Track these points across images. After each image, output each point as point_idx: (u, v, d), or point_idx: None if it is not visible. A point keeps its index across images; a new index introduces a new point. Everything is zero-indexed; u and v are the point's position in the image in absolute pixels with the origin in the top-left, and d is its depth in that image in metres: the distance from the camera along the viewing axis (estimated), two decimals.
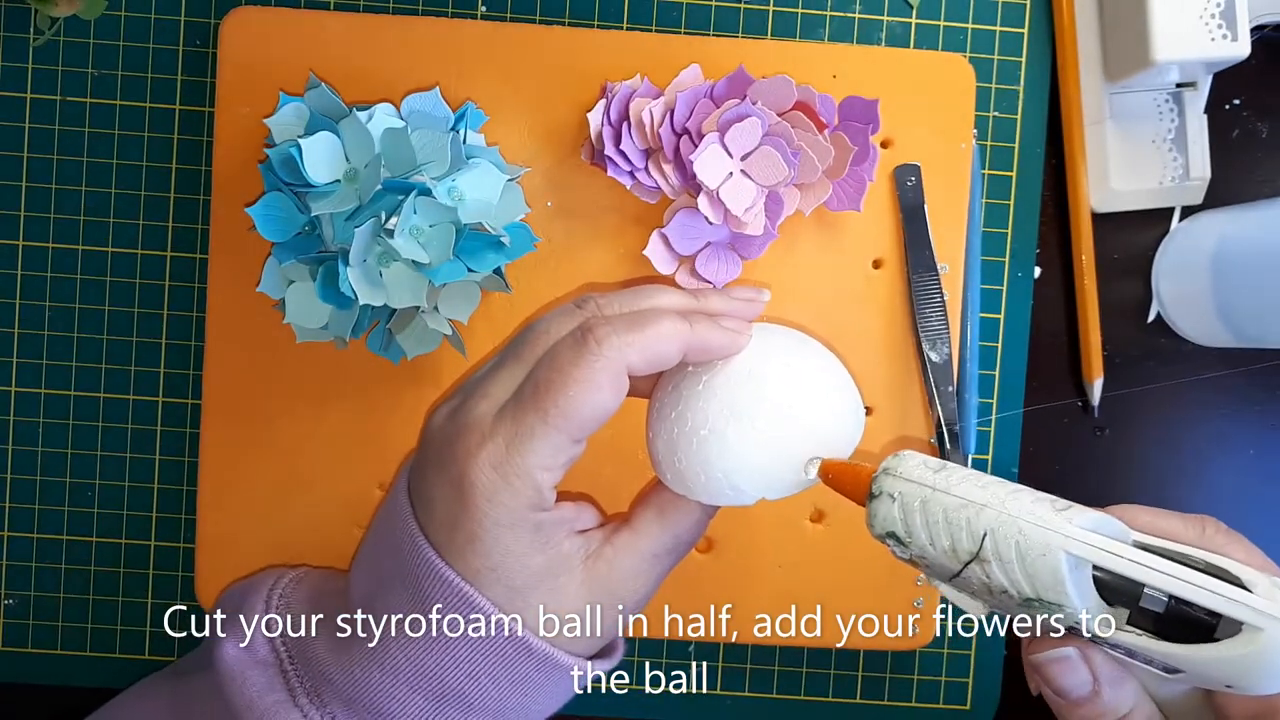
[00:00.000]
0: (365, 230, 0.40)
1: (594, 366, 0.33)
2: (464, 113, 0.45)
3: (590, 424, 0.34)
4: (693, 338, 0.35)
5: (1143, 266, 0.52)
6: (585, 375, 0.33)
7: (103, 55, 0.49)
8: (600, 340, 0.34)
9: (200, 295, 0.49)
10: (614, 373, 0.33)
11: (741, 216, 0.44)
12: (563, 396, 0.33)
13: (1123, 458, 0.53)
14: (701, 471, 0.36)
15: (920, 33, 0.51)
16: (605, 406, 0.34)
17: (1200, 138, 0.51)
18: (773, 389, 0.36)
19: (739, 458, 0.35)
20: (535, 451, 0.33)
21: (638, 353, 0.34)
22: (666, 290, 0.38)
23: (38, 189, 0.49)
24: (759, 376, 0.36)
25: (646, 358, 0.34)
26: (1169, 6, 0.45)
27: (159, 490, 0.50)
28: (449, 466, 0.34)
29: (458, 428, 0.35)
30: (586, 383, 0.33)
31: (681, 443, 0.36)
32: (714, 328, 0.36)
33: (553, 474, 0.34)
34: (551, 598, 0.34)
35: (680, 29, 0.50)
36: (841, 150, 0.45)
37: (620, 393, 0.34)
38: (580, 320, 0.36)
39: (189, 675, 0.40)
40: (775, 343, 0.38)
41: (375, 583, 0.36)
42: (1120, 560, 0.29)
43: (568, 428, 0.33)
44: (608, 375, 0.33)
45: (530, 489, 0.33)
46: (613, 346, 0.33)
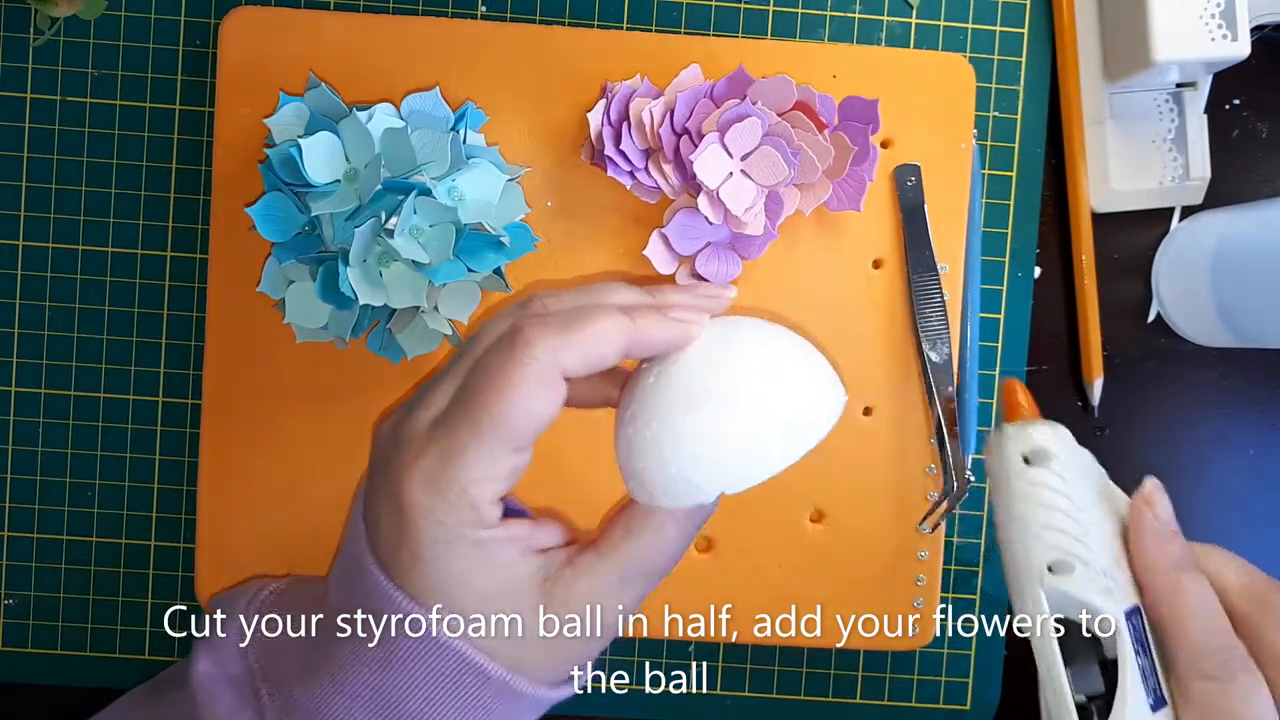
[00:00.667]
0: (365, 230, 0.40)
1: (523, 371, 0.31)
2: (464, 113, 0.45)
3: (526, 432, 0.32)
4: (634, 333, 0.33)
5: (1143, 266, 0.52)
6: (514, 381, 0.31)
7: (103, 55, 0.49)
8: (529, 342, 0.31)
9: (200, 295, 0.49)
10: (545, 376, 0.31)
11: (741, 216, 0.44)
12: (493, 404, 0.31)
13: (1123, 458, 0.53)
14: (657, 469, 0.33)
15: (920, 33, 0.51)
16: (540, 412, 0.31)
17: (1200, 138, 0.51)
18: (725, 375, 0.33)
19: (692, 450, 0.32)
20: (468, 465, 0.31)
21: (572, 353, 0.31)
22: (619, 286, 0.36)
23: (38, 189, 0.49)
24: (712, 363, 0.33)
25: (582, 358, 0.32)
26: (1169, 6, 0.45)
27: (159, 490, 0.50)
28: (389, 483, 0.33)
29: (396, 441, 0.33)
30: (516, 388, 0.31)
31: (637, 442, 0.33)
32: (659, 320, 0.33)
33: (491, 487, 0.32)
34: (503, 623, 0.32)
35: (680, 29, 0.50)
36: (841, 150, 0.45)
37: (556, 397, 0.32)
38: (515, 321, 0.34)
39: (165, 692, 0.40)
40: (733, 329, 0.35)
41: (343, 598, 0.35)
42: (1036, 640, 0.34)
43: (501, 438, 0.31)
44: (538, 379, 0.31)
45: (465, 505, 0.31)
46: (543, 348, 0.31)
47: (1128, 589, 0.34)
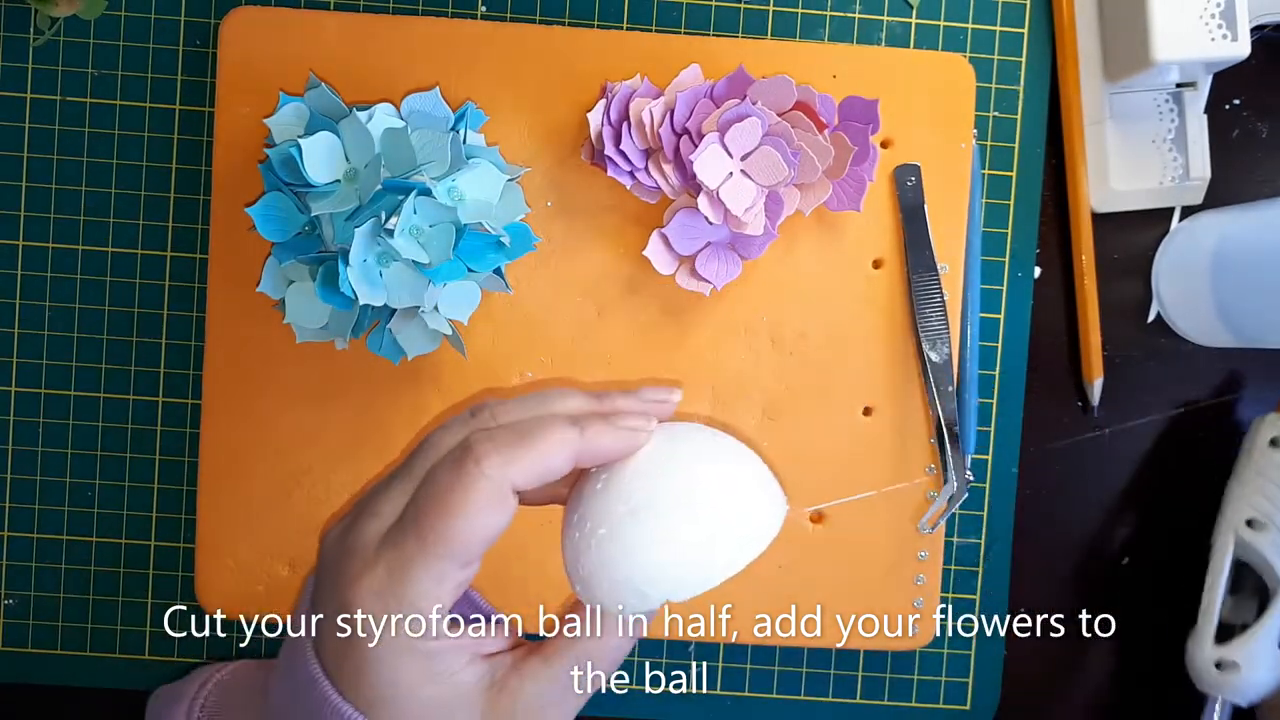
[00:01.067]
0: (365, 230, 0.40)
1: (473, 489, 0.31)
2: (464, 113, 0.45)
3: (475, 547, 0.32)
4: (583, 446, 0.33)
5: (1143, 266, 0.52)
6: (464, 500, 0.31)
7: (103, 55, 0.49)
8: (479, 459, 0.31)
9: (200, 295, 0.49)
10: (496, 494, 0.31)
11: (741, 216, 0.44)
12: (441, 523, 0.31)
13: (1123, 458, 0.53)
14: (603, 576, 0.33)
15: (920, 33, 0.51)
16: (489, 529, 0.32)
17: (1200, 138, 0.51)
18: (673, 483, 0.33)
19: (638, 558, 0.33)
20: (417, 581, 0.31)
21: (521, 470, 0.32)
22: (568, 393, 0.36)
23: (38, 189, 0.49)
24: (659, 472, 0.34)
25: (531, 474, 0.32)
26: (1169, 6, 0.45)
27: (159, 490, 0.50)
28: (337, 593, 0.33)
29: (344, 551, 0.33)
30: (465, 508, 0.31)
31: (582, 546, 0.34)
32: (607, 430, 0.33)
33: (439, 602, 0.32)
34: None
35: (680, 29, 0.50)
36: (841, 150, 0.45)
37: (506, 512, 0.32)
38: (467, 433, 0.34)
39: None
40: (681, 437, 0.35)
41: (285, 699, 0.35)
42: None
43: (450, 554, 0.31)
44: (488, 497, 0.31)
45: (413, 620, 0.32)
46: (493, 465, 0.31)
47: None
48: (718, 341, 0.49)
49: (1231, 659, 0.46)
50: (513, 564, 0.48)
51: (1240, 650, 0.46)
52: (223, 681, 0.41)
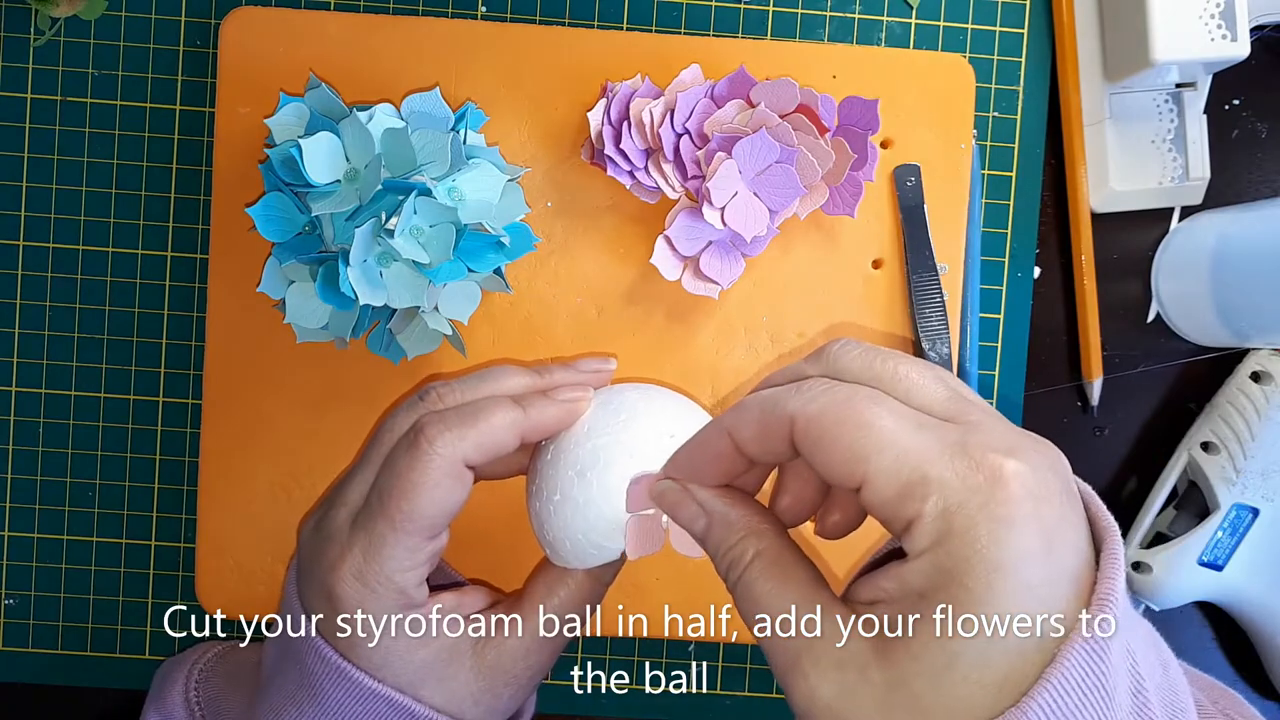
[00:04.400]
0: (365, 230, 0.40)
1: (429, 467, 0.34)
2: (464, 113, 0.45)
3: (439, 519, 0.35)
4: (526, 422, 0.36)
5: (1143, 266, 0.52)
6: (421, 478, 0.34)
7: (103, 55, 0.49)
8: (431, 440, 0.34)
9: (200, 295, 0.49)
10: (450, 470, 0.34)
11: (746, 234, 0.44)
12: (405, 502, 0.34)
13: (1122, 458, 0.53)
14: (565, 537, 0.36)
15: (920, 33, 0.51)
16: (449, 502, 0.35)
17: (1200, 138, 0.51)
18: (610, 440, 0.36)
19: (591, 515, 0.35)
20: (391, 557, 0.34)
21: (472, 446, 0.34)
22: (509, 371, 0.39)
23: (38, 189, 0.49)
24: (596, 433, 0.36)
25: (482, 449, 0.35)
26: (1169, 6, 0.45)
27: (159, 490, 0.50)
28: (319, 579, 0.36)
29: (320, 540, 0.36)
30: (423, 485, 0.34)
31: (544, 513, 0.37)
32: (548, 404, 0.36)
33: (415, 572, 0.35)
34: (443, 687, 0.35)
35: (680, 29, 0.50)
36: (842, 156, 0.45)
37: (462, 486, 0.35)
38: (417, 416, 0.36)
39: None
40: (614, 398, 0.38)
41: (279, 668, 0.38)
42: None
43: (417, 529, 0.34)
44: (443, 474, 0.34)
45: (394, 592, 0.35)
46: (445, 443, 0.34)
47: (1258, 496, 0.48)
48: (718, 341, 0.49)
49: (1148, 562, 0.50)
50: (489, 538, 0.48)
51: (1158, 555, 0.50)
52: (220, 652, 0.44)
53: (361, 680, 0.35)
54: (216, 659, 0.43)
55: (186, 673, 0.42)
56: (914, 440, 0.26)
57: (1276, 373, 0.49)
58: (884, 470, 0.26)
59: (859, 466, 0.26)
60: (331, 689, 0.35)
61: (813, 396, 0.28)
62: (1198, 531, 0.49)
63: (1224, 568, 0.50)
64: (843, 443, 0.26)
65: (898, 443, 0.26)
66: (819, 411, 0.27)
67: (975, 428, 0.26)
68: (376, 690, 0.35)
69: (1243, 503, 0.49)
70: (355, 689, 0.35)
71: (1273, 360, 0.50)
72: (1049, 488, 0.25)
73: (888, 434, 0.26)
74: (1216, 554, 0.49)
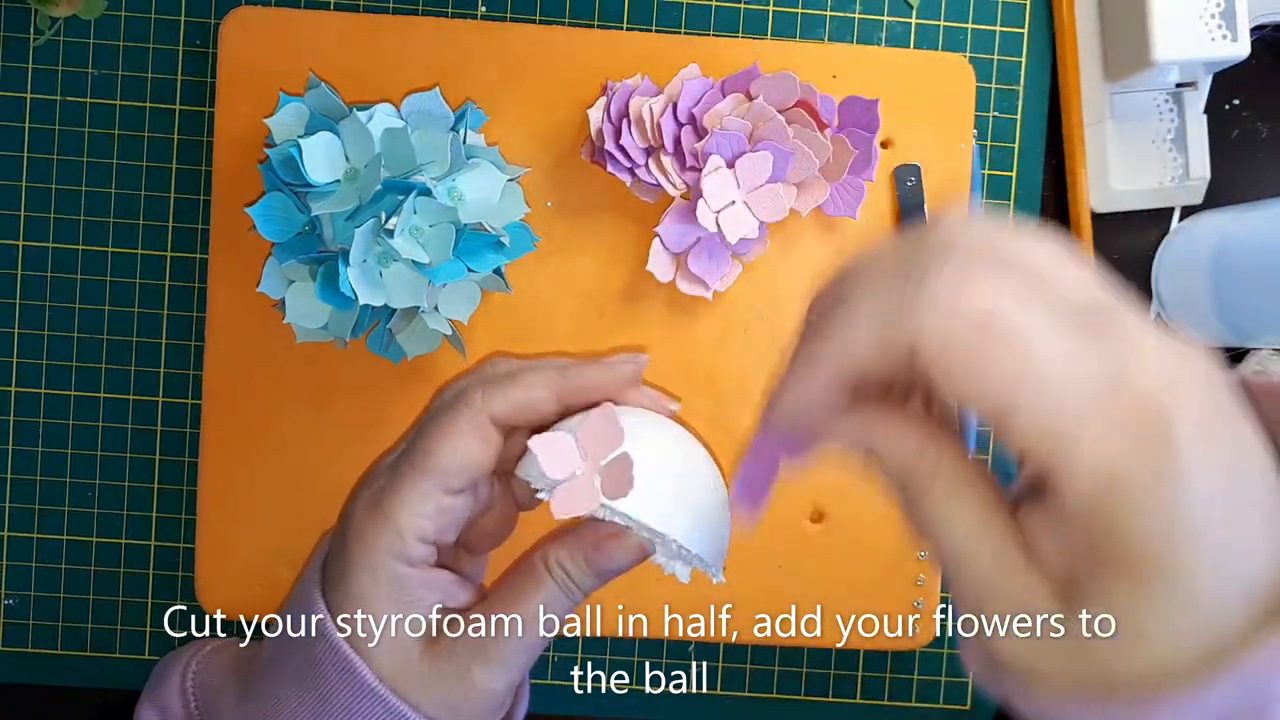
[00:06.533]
0: (365, 230, 0.40)
1: (457, 417, 0.35)
2: (464, 113, 0.45)
3: (458, 471, 0.35)
4: (563, 381, 0.36)
5: (1143, 266, 0.52)
6: (447, 426, 0.35)
7: (103, 55, 0.49)
8: (464, 392, 0.36)
9: (200, 295, 0.49)
10: (476, 421, 0.35)
11: (731, 239, 0.45)
12: (426, 444, 0.35)
13: None
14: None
15: (920, 33, 0.51)
16: (470, 454, 0.35)
17: (1200, 138, 0.51)
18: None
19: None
20: (403, 496, 0.35)
21: (502, 401, 0.35)
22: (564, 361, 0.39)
23: (38, 189, 0.49)
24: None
25: (510, 403, 0.35)
26: (1169, 6, 0.45)
27: (159, 490, 0.50)
28: (345, 505, 0.37)
29: (361, 480, 0.37)
30: (447, 432, 0.35)
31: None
32: (587, 366, 0.36)
33: (420, 521, 0.35)
34: (395, 661, 0.35)
35: (680, 29, 0.50)
36: (841, 151, 0.45)
37: (486, 441, 0.35)
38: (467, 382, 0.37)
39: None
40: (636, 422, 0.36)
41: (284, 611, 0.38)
42: None
43: (434, 474, 0.35)
44: (469, 423, 0.35)
45: (392, 530, 0.34)
46: (475, 396, 0.35)
47: None
48: (718, 341, 0.49)
49: None
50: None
51: None
52: (217, 645, 0.44)
53: (364, 676, 0.34)
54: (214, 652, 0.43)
55: (184, 665, 0.42)
56: (1068, 374, 0.22)
57: (1277, 373, 0.49)
58: (1034, 416, 0.23)
59: (1002, 403, 0.23)
60: (337, 682, 0.35)
61: (943, 314, 0.23)
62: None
63: None
64: (983, 378, 0.23)
65: (1049, 379, 0.22)
66: (950, 336, 0.23)
67: (1129, 349, 0.23)
68: (376, 690, 0.34)
69: None
70: (356, 682, 0.34)
71: (1273, 360, 0.50)
72: (1220, 422, 0.23)
73: (1037, 366, 0.22)
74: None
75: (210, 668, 0.42)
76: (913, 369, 0.24)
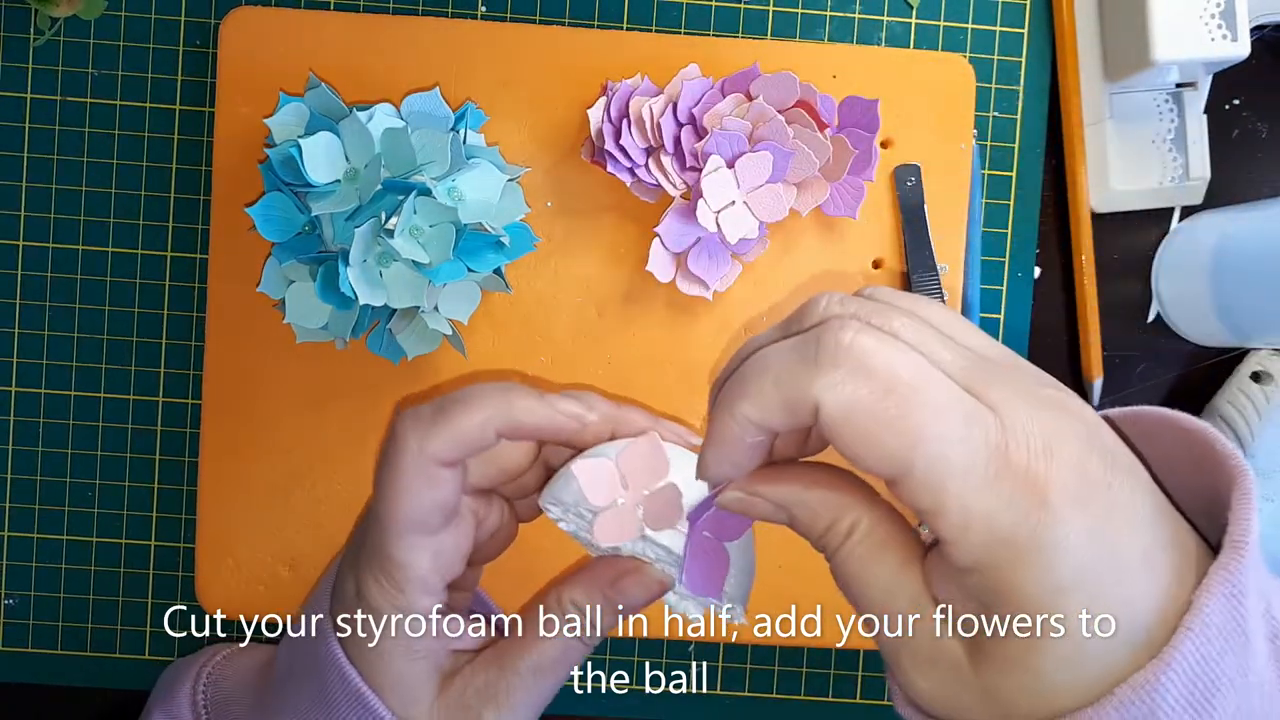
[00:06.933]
0: (365, 230, 0.40)
1: (398, 469, 0.32)
2: (464, 113, 0.45)
3: (425, 518, 0.32)
4: (505, 418, 0.32)
5: (1143, 266, 0.52)
6: (392, 479, 0.32)
7: (103, 55, 0.49)
8: (396, 437, 0.32)
9: (200, 295, 0.49)
10: (419, 470, 0.32)
11: (731, 238, 0.45)
12: (384, 505, 0.32)
13: None
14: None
15: (920, 33, 0.51)
16: (427, 502, 0.32)
17: (1200, 138, 0.51)
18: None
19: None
20: (392, 558, 0.33)
21: (439, 441, 0.32)
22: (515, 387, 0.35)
23: (38, 189, 0.49)
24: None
25: (451, 443, 0.32)
26: (1169, 6, 0.45)
27: (159, 490, 0.50)
28: (347, 557, 0.35)
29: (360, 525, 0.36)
30: (395, 485, 0.32)
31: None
32: (534, 403, 0.32)
33: (421, 570, 0.33)
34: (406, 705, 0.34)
35: (680, 29, 0.50)
36: (841, 152, 0.45)
37: (440, 482, 0.32)
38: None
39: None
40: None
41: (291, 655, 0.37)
42: None
43: (403, 530, 0.32)
44: (413, 474, 0.32)
45: (393, 588, 0.33)
46: (410, 441, 0.32)
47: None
48: (718, 341, 0.49)
49: None
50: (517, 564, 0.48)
51: None
52: (229, 654, 0.43)
53: (377, 710, 0.34)
54: (224, 661, 0.43)
55: (194, 675, 0.41)
56: (955, 443, 0.24)
57: (1277, 373, 0.49)
58: (926, 482, 0.24)
59: (895, 470, 0.25)
60: (348, 713, 0.34)
61: (839, 383, 0.25)
62: None
63: None
64: (878, 446, 0.25)
65: (937, 450, 0.24)
66: (848, 409, 0.25)
67: (1010, 414, 0.25)
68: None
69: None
70: (368, 716, 0.34)
71: (1273, 360, 0.50)
72: (1094, 480, 0.24)
73: (927, 437, 0.24)
74: None
75: (222, 678, 0.41)
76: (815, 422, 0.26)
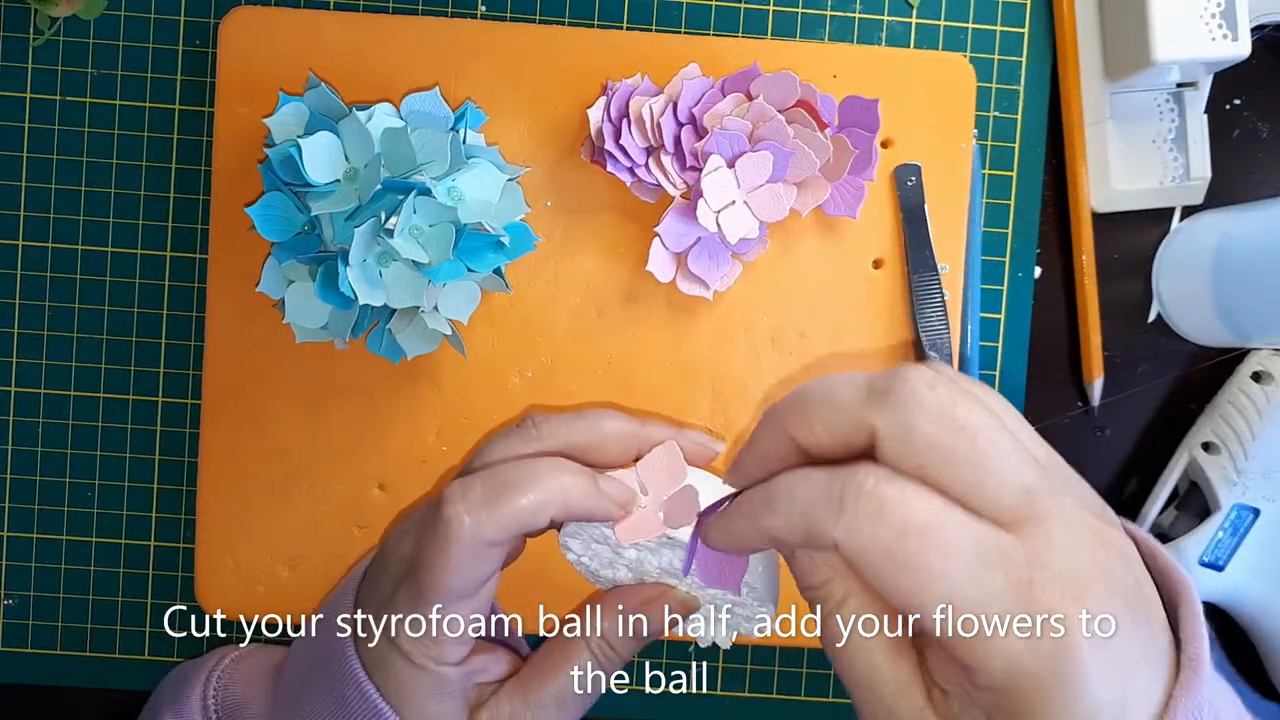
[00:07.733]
0: (365, 230, 0.40)
1: (448, 550, 0.32)
2: (464, 113, 0.45)
3: (468, 590, 0.33)
4: (564, 506, 0.33)
5: (1143, 266, 0.52)
6: (442, 557, 0.33)
7: (103, 55, 0.49)
8: (448, 521, 0.32)
9: (200, 295, 0.49)
10: (470, 551, 0.32)
11: (731, 238, 0.45)
12: (428, 577, 0.33)
13: (1123, 458, 0.53)
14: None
15: (920, 33, 0.51)
16: (472, 579, 0.33)
17: (1200, 138, 0.51)
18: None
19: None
20: (429, 620, 0.34)
21: (493, 528, 0.32)
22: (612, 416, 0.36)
23: (38, 189, 0.49)
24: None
25: (504, 531, 0.33)
26: (1169, 6, 0.45)
27: (159, 490, 0.50)
28: (377, 600, 0.36)
29: (382, 568, 0.36)
30: (444, 566, 0.33)
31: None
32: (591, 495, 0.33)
33: (457, 631, 0.34)
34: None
35: (680, 29, 0.50)
36: (841, 151, 0.45)
37: (486, 562, 0.33)
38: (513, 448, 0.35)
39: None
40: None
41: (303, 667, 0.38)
42: None
43: (444, 600, 0.33)
44: (464, 555, 0.32)
45: (428, 640, 0.34)
46: (464, 526, 0.32)
47: (1259, 497, 0.49)
48: (718, 341, 0.49)
49: None
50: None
51: None
52: (239, 655, 0.43)
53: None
54: (233, 665, 0.42)
55: (204, 679, 0.41)
56: (976, 589, 0.25)
57: (1277, 373, 0.49)
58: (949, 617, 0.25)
59: (912, 606, 0.26)
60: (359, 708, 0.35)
61: (857, 527, 0.26)
62: (1198, 532, 0.49)
63: (1225, 568, 0.50)
64: (894, 586, 0.26)
65: (956, 593, 0.25)
66: (864, 549, 0.26)
67: (1044, 548, 0.25)
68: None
69: (1243, 503, 0.49)
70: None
71: (1273, 360, 0.50)
72: (1117, 622, 0.25)
73: (946, 583, 0.25)
74: (1217, 554, 0.49)
75: (232, 681, 0.41)
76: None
